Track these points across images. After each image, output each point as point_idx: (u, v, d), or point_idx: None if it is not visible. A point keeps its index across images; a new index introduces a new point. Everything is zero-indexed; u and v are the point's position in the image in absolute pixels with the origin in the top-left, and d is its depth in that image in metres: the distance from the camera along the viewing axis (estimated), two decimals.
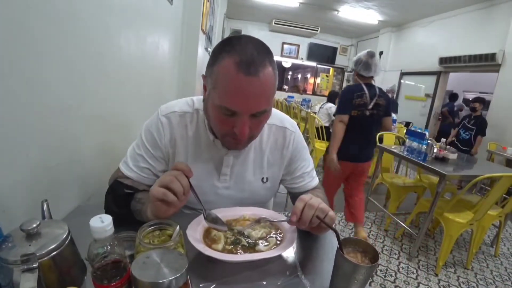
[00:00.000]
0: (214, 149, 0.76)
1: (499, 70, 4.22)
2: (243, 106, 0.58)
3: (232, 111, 0.59)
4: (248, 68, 0.55)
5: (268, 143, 0.81)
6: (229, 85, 0.57)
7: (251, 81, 0.56)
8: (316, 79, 9.22)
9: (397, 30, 6.83)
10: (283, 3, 5.90)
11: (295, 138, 0.83)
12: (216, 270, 0.58)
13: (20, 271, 0.38)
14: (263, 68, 0.57)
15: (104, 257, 0.40)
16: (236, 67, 0.55)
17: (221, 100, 0.59)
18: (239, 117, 0.60)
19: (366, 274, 0.51)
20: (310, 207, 0.61)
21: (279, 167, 0.84)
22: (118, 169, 0.77)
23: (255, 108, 0.60)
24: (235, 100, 0.58)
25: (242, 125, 0.60)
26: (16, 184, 0.58)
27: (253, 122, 0.62)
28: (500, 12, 4.31)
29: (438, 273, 2.02)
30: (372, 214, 2.88)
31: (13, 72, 0.54)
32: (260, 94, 0.58)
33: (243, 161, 0.80)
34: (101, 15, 0.87)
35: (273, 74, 0.60)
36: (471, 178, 1.90)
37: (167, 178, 0.56)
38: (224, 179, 0.79)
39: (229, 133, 0.64)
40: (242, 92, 0.57)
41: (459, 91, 6.88)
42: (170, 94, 2.03)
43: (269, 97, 0.61)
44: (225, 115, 0.60)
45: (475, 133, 3.79)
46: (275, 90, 0.64)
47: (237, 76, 0.55)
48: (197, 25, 2.31)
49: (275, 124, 0.81)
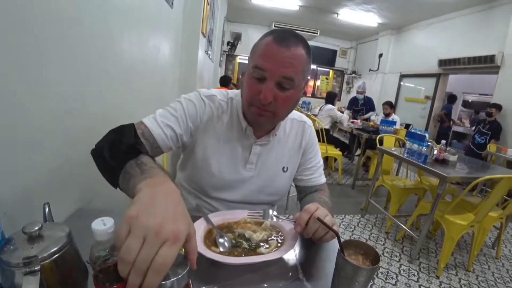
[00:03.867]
0: (245, 137, 0.82)
1: (498, 72, 4.24)
2: (271, 66, 0.66)
3: (262, 69, 0.67)
4: (281, 41, 0.66)
5: (290, 134, 0.90)
6: (264, 49, 0.68)
7: (281, 51, 0.66)
8: (316, 82, 9.23)
9: (397, 32, 6.86)
10: (283, 6, 5.93)
11: (311, 132, 0.93)
12: (217, 272, 0.58)
13: (22, 273, 0.38)
14: (295, 46, 0.67)
15: (106, 260, 0.40)
16: (272, 39, 0.67)
17: (255, 61, 0.68)
18: (267, 82, 0.67)
19: (368, 276, 0.51)
20: (314, 221, 0.63)
21: (297, 158, 0.91)
22: (137, 123, 0.71)
23: (281, 71, 0.66)
24: (266, 60, 0.67)
25: (267, 89, 0.67)
26: (18, 186, 0.58)
27: (278, 93, 0.68)
28: (499, 14, 4.33)
29: (440, 275, 2.01)
30: (373, 217, 2.87)
31: (15, 74, 0.54)
32: (287, 63, 0.66)
33: (269, 150, 0.86)
34: (104, 18, 0.87)
35: (306, 57, 0.69)
36: (471, 179, 1.90)
37: (134, 244, 0.34)
38: (250, 168, 0.84)
39: (255, 100, 0.70)
40: (273, 55, 0.66)
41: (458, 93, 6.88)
42: (171, 96, 2.03)
43: (296, 69, 0.68)
44: (256, 79, 0.68)
45: (490, 137, 3.86)
46: (304, 71, 0.70)
47: (271, 45, 0.67)
48: (197, 28, 2.32)
49: (295, 119, 0.91)
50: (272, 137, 0.84)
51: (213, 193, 0.85)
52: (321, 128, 3.73)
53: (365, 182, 3.88)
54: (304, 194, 0.93)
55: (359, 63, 8.60)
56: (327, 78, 9.12)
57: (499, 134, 3.84)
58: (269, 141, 0.84)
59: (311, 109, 6.16)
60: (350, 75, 8.82)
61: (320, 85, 9.14)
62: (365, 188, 3.68)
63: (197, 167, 0.82)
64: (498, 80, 4.24)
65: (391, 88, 6.92)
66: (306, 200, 0.89)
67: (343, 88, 9.15)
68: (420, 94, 6.10)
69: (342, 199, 3.29)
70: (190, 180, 0.88)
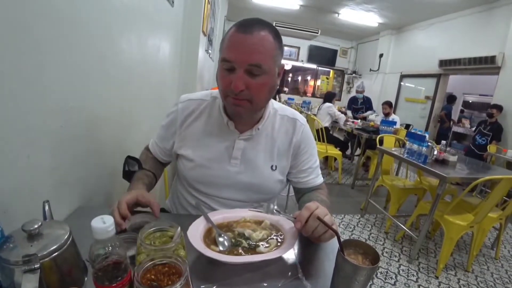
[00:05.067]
0: (227, 131, 0.83)
1: (499, 73, 4.23)
2: (237, 56, 0.67)
3: (229, 61, 0.68)
4: (244, 28, 0.68)
5: (279, 132, 0.87)
6: (229, 40, 0.69)
7: (245, 37, 0.67)
8: (316, 82, 9.23)
9: (397, 32, 6.85)
10: (283, 6, 5.92)
11: (304, 130, 0.89)
12: (217, 271, 0.58)
13: (21, 271, 0.38)
14: (258, 30, 0.68)
15: (105, 258, 0.40)
16: (236, 29, 0.69)
17: (223, 54, 0.70)
18: (236, 72, 0.68)
19: (367, 276, 0.51)
20: (314, 219, 0.62)
21: (287, 156, 0.88)
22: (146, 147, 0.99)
23: (248, 59, 0.67)
24: (231, 50, 0.68)
25: (237, 78, 0.68)
26: (18, 185, 0.58)
27: (249, 81, 0.69)
28: (500, 15, 4.33)
29: (439, 276, 2.01)
30: (372, 217, 2.88)
31: (15, 74, 0.54)
32: (252, 49, 0.67)
33: (254, 146, 0.85)
34: (103, 17, 0.87)
35: (272, 40, 0.70)
36: (471, 180, 1.90)
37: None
38: (235, 163, 0.84)
39: (229, 92, 0.71)
40: (237, 44, 0.68)
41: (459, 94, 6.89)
42: (171, 95, 2.03)
43: (263, 55, 0.68)
44: (226, 69, 0.70)
45: (491, 138, 3.86)
46: (273, 55, 0.71)
47: (235, 35, 0.68)
48: (198, 27, 2.31)
49: (286, 115, 0.89)
50: (255, 131, 0.83)
51: (204, 190, 0.86)
52: (321, 127, 3.73)
53: (365, 182, 3.89)
54: (302, 193, 0.93)
55: (360, 63, 8.60)
56: (327, 78, 9.11)
57: (500, 135, 3.85)
58: (253, 135, 0.83)
59: (311, 108, 6.16)
60: (350, 75, 8.81)
61: (320, 84, 9.13)
62: (364, 188, 3.68)
63: (186, 167, 0.86)
64: (499, 80, 4.24)
65: (391, 88, 6.91)
66: (304, 199, 0.88)
67: (344, 88, 9.15)
68: (421, 94, 6.09)
69: (341, 198, 3.29)
70: (184, 180, 0.90)
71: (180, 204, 0.94)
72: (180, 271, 0.40)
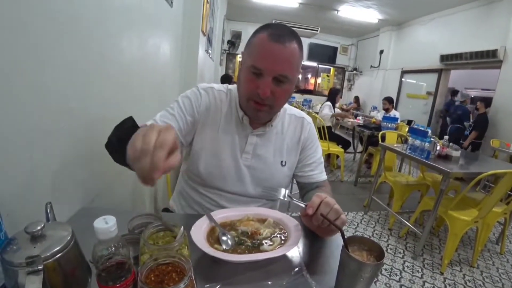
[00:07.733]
0: (242, 126, 0.85)
1: (500, 67, 4.20)
2: (268, 66, 0.69)
3: (260, 69, 0.69)
4: (277, 38, 0.68)
5: (288, 129, 0.91)
6: (260, 48, 0.70)
7: (278, 47, 0.68)
8: (317, 79, 9.21)
9: (398, 28, 6.82)
10: (282, 4, 5.91)
11: (311, 128, 0.94)
12: (221, 270, 0.58)
13: (25, 273, 0.38)
14: (289, 42, 0.69)
15: (109, 259, 0.40)
16: (268, 36, 0.69)
17: (252, 60, 0.71)
18: (264, 78, 0.70)
19: (372, 272, 0.50)
20: (326, 204, 0.64)
21: (295, 152, 0.92)
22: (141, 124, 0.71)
23: (278, 70, 0.70)
24: (263, 60, 0.70)
25: (265, 85, 0.70)
26: (20, 187, 0.58)
27: (275, 88, 0.71)
28: (501, 8, 4.30)
29: (444, 272, 2.01)
30: (375, 213, 2.87)
31: (15, 74, 0.54)
32: (283, 59, 0.70)
33: (265, 142, 0.87)
34: (103, 18, 0.87)
35: (299, 52, 0.72)
36: (475, 175, 1.89)
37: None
38: (246, 157, 0.86)
39: (253, 95, 0.73)
40: (269, 54, 0.69)
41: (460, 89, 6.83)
42: (172, 95, 2.03)
43: (291, 66, 0.71)
44: (253, 74, 0.71)
45: (472, 128, 4.05)
46: (298, 65, 0.74)
47: (267, 42, 0.69)
48: (197, 27, 2.31)
49: (294, 114, 0.93)
50: (268, 128, 0.85)
51: (211, 182, 0.86)
52: (323, 126, 3.72)
53: (368, 179, 3.88)
54: (306, 190, 0.94)
55: (360, 60, 8.57)
56: (328, 75, 9.09)
57: (481, 126, 4.03)
58: (266, 132, 0.86)
59: (312, 106, 6.14)
60: (351, 72, 8.78)
61: (321, 82, 9.11)
62: (367, 185, 3.67)
63: (196, 155, 0.85)
64: (501, 74, 4.20)
65: (392, 84, 6.88)
66: (309, 195, 0.89)
67: (344, 85, 9.13)
68: (422, 90, 6.07)
69: (344, 196, 3.28)
70: (189, 171, 0.89)
71: (186, 202, 0.94)
72: (184, 270, 0.40)
